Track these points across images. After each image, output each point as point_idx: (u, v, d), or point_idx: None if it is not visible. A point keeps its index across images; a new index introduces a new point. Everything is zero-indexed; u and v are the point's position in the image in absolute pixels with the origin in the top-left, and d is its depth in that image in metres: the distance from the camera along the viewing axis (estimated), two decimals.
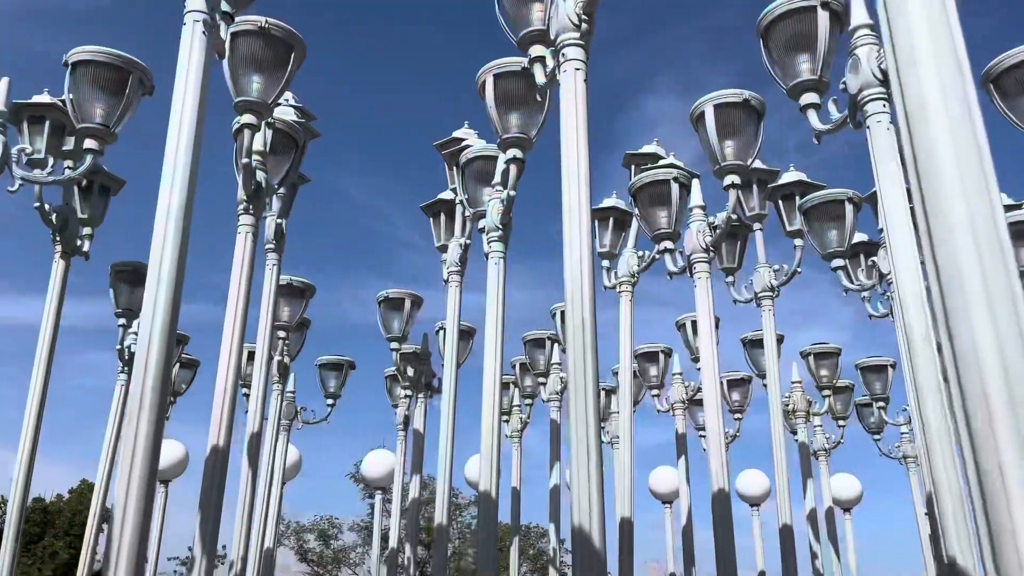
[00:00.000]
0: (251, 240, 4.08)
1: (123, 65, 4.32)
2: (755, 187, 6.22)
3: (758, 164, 6.35)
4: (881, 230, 4.86)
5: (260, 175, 4.15)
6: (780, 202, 6.02)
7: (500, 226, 4.32)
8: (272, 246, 5.01)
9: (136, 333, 6.46)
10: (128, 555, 2.37)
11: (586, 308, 2.62)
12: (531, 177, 4.52)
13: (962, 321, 1.03)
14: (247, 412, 5.28)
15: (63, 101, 4.56)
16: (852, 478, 9.86)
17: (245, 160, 3.96)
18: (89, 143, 4.26)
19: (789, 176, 6.05)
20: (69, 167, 4.96)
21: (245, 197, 4.04)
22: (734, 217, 4.68)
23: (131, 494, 2.42)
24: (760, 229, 6.28)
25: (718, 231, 4.61)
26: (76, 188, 5.35)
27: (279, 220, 5.08)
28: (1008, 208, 5.63)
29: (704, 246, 4.64)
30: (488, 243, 4.40)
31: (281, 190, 5.02)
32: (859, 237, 6.20)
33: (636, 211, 5.32)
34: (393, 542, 7.83)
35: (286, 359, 6.65)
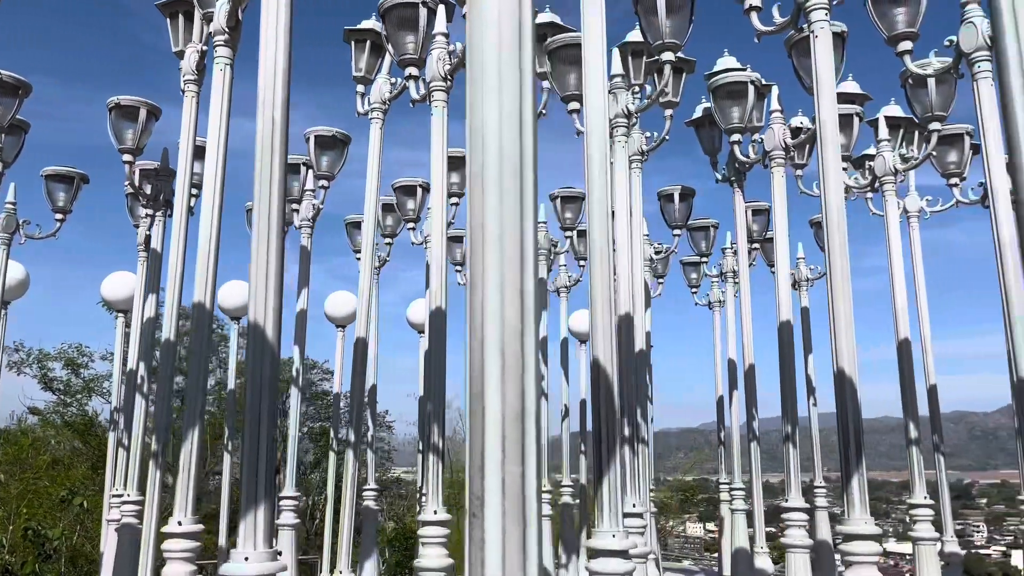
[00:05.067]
0: None
1: None
2: None
3: None
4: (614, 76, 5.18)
5: None
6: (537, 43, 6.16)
7: (227, 29, 4.06)
8: None
9: None
10: None
11: (278, 109, 2.61)
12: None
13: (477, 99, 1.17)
14: None
15: None
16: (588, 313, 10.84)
17: None
18: None
19: (544, 17, 6.16)
20: None
21: None
22: None
23: None
24: None
25: (456, 59, 4.65)
26: None
27: None
28: None
29: (443, 74, 4.68)
30: (214, 47, 4.14)
31: None
32: None
33: (384, 34, 5.21)
34: (132, 365, 7.61)
35: None
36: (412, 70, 5.03)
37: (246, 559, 2.36)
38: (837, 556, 4.79)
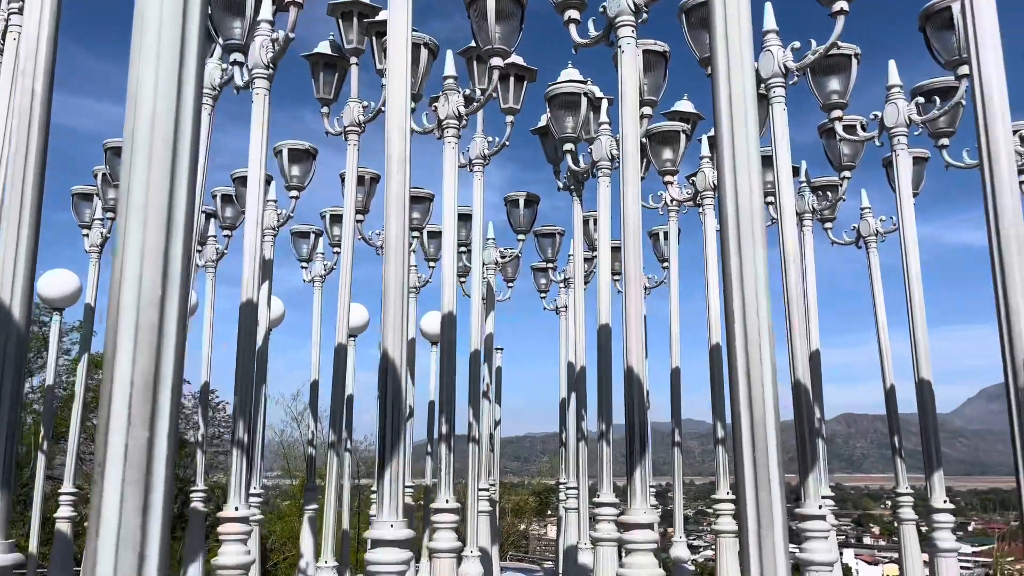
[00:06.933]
0: None
1: None
2: (355, 20, 6.25)
3: None
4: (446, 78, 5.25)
5: None
6: (374, 39, 6.13)
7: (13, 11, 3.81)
8: None
9: None
10: None
11: (39, 80, 2.48)
12: None
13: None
14: None
15: None
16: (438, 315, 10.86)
17: None
18: None
19: (386, 14, 6.14)
20: None
21: None
22: (292, 36, 4.67)
23: None
24: (356, 64, 6.37)
25: (278, 47, 4.57)
26: None
27: None
28: None
29: (266, 62, 4.58)
30: (8, 15, 3.88)
31: None
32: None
33: (211, 17, 5.04)
34: None
35: None
36: (238, 56, 4.89)
37: None
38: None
